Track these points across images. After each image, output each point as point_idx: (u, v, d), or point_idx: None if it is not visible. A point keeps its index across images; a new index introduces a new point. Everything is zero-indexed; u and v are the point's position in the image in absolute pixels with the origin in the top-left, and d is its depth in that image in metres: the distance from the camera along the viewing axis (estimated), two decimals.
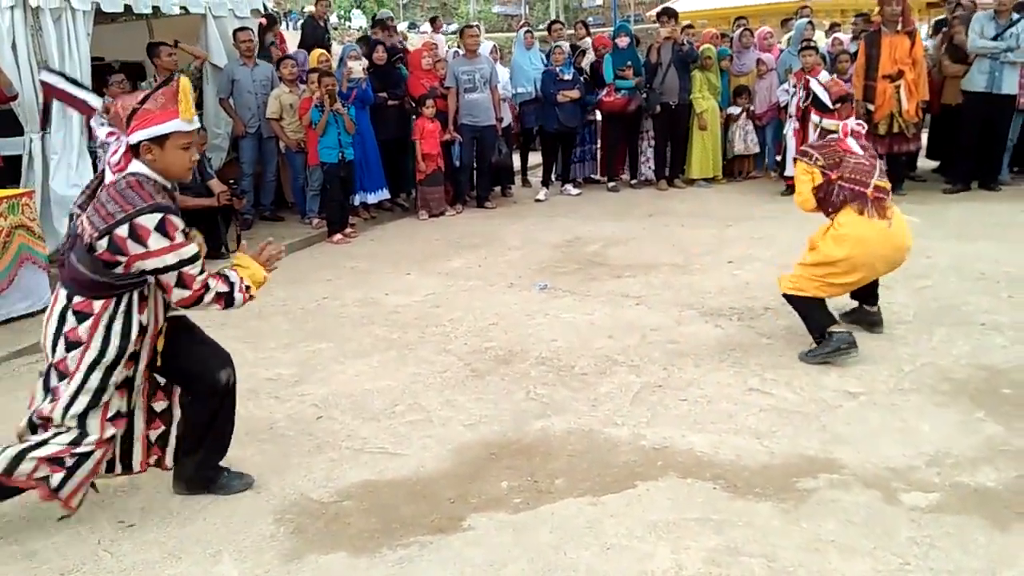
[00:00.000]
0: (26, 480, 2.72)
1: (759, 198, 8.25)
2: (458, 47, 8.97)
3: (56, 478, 2.72)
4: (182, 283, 2.66)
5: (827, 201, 4.06)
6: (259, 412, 3.81)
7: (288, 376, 4.24)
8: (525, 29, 9.48)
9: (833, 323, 4.03)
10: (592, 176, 9.64)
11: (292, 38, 10.50)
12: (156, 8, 7.59)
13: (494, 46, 9.35)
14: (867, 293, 4.36)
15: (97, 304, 2.66)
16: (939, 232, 6.38)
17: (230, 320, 5.21)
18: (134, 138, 2.63)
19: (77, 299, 2.67)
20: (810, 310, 4.06)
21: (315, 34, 8.87)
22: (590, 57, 9.31)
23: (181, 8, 7.79)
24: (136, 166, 2.65)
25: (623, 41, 8.90)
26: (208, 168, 6.69)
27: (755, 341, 4.40)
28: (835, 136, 4.13)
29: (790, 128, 8.04)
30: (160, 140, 2.63)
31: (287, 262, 6.76)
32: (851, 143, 4.07)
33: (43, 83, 5.99)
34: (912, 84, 7.43)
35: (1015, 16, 7.48)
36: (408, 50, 9.06)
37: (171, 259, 2.60)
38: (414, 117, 8.17)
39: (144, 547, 2.78)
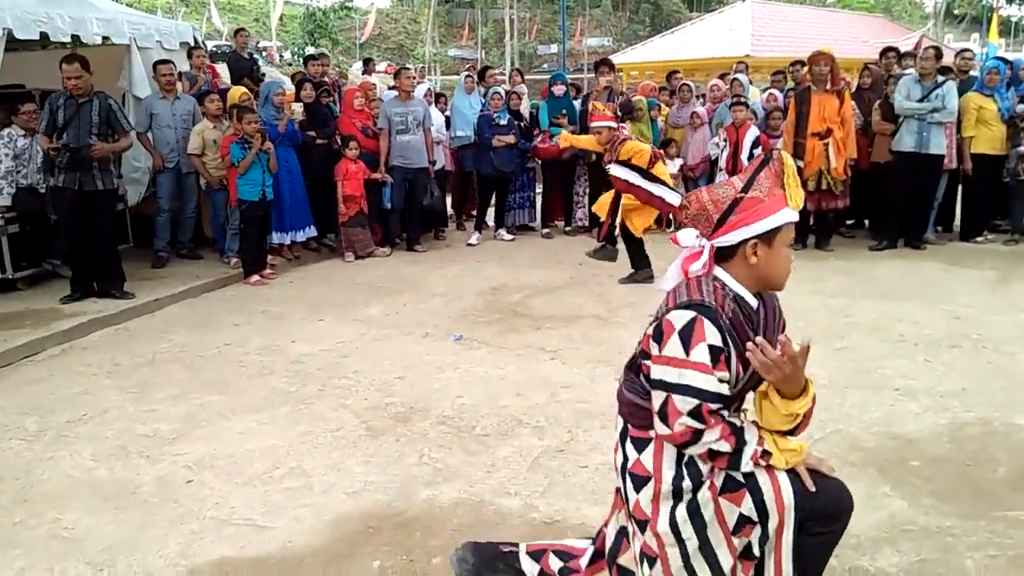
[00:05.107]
0: None
1: None
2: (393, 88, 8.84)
3: None
4: (663, 412, 1.98)
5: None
6: (125, 474, 3.50)
7: (166, 432, 3.92)
8: (466, 74, 9.42)
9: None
10: (528, 224, 9.51)
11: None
12: (76, 37, 7.34)
13: (429, 89, 9.24)
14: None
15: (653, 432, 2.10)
16: (864, 290, 6.36)
17: (119, 368, 4.92)
18: (735, 237, 2.03)
19: (632, 428, 2.16)
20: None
21: (240, 67, 8.65)
22: (526, 103, 9.26)
23: (103, 38, 7.55)
24: (718, 273, 2.06)
25: (559, 89, 8.89)
26: None
27: None
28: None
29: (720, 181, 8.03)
30: (768, 236, 2.03)
31: (195, 304, 6.56)
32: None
33: (614, 177, 6.48)
34: (840, 142, 7.48)
35: (940, 79, 7.63)
36: (332, 86, 8.87)
37: (671, 376, 1.96)
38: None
39: None
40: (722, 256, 2.07)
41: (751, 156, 7.86)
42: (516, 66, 9.67)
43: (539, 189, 9.58)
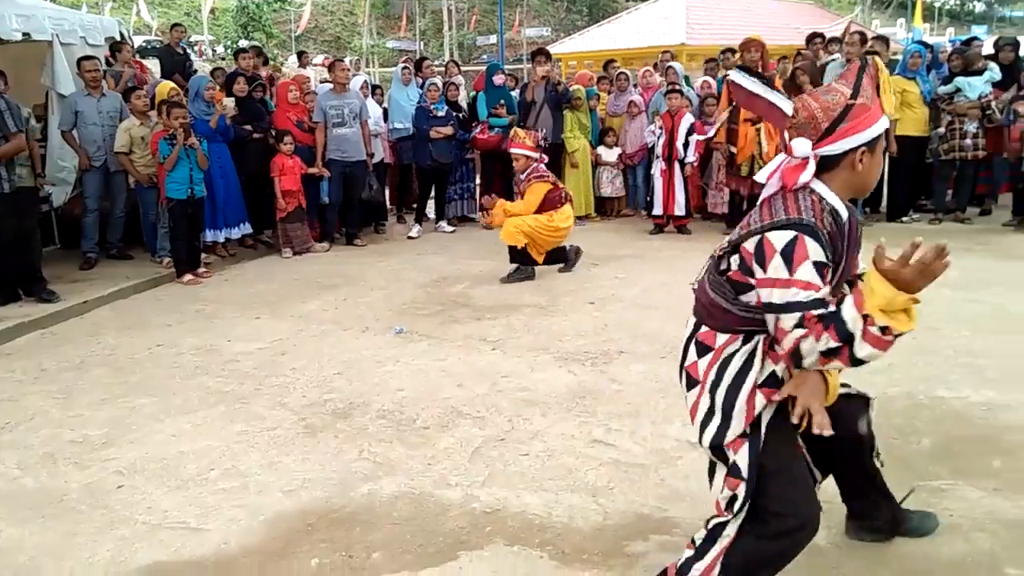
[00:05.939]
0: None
1: (628, 237, 8.27)
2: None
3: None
4: (776, 335, 1.96)
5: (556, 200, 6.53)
6: (52, 482, 3.40)
7: (96, 438, 3.81)
8: (403, 66, 9.34)
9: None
10: (468, 215, 9.49)
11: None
12: None
13: (365, 81, 9.12)
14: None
15: (721, 338, 2.17)
16: None
17: (46, 373, 4.77)
18: (844, 145, 2.01)
19: (703, 329, 2.21)
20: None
21: (173, 62, 8.43)
22: (463, 94, 9.22)
23: (24, 34, 7.27)
24: (815, 185, 2.04)
25: (499, 79, 8.88)
26: None
27: (606, 387, 4.27)
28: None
29: (657, 168, 8.13)
30: (874, 143, 2.04)
31: (125, 306, 6.38)
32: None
33: (731, 83, 6.76)
34: (771, 127, 7.62)
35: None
36: (268, 79, 8.71)
37: (778, 297, 1.92)
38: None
39: None
40: (821, 166, 2.04)
41: (686, 143, 7.98)
42: (453, 57, 9.57)
43: (478, 180, 9.56)
